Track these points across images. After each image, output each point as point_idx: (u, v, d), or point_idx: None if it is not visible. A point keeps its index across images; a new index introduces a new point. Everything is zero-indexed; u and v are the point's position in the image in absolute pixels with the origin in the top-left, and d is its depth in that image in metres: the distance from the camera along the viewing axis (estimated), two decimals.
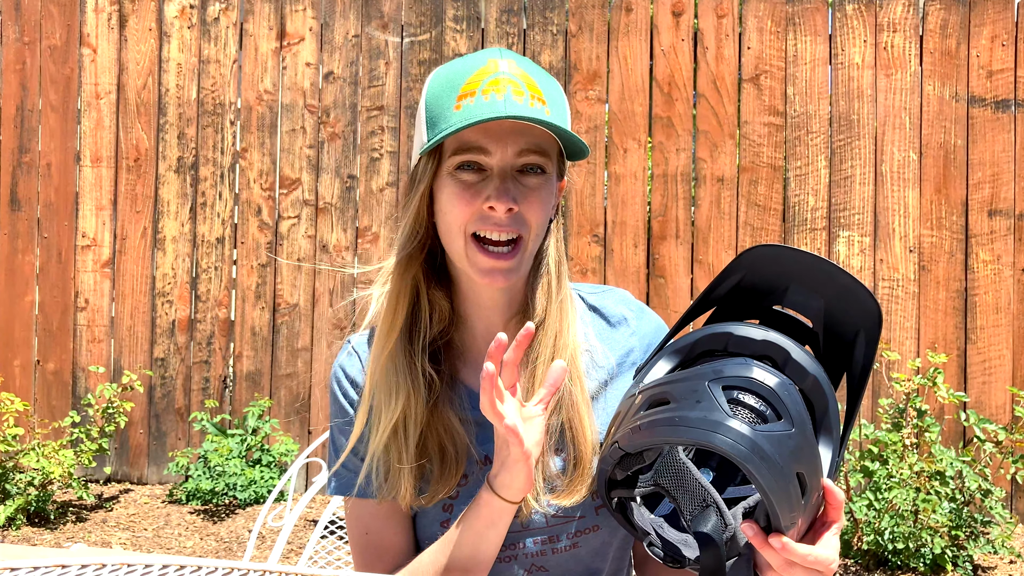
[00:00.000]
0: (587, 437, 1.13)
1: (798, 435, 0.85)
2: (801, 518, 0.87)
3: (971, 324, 3.96)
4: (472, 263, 1.09)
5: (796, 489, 0.85)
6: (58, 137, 4.43)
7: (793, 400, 0.86)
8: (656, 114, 4.18)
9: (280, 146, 4.37)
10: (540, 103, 1.06)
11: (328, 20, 4.35)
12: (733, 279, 0.98)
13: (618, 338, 1.22)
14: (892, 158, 4.05)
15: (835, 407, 0.92)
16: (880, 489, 3.39)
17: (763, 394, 0.86)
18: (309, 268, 4.32)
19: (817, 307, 0.96)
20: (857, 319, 0.93)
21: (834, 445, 0.91)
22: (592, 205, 4.18)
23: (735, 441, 0.83)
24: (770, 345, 0.92)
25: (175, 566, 0.92)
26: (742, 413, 0.86)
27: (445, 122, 1.05)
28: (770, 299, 0.98)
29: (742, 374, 0.87)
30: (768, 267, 0.96)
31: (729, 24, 4.14)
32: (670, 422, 0.87)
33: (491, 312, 1.18)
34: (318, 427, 4.28)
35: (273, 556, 2.02)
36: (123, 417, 4.06)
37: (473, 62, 1.09)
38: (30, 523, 3.84)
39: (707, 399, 0.86)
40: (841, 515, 0.91)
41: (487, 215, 1.07)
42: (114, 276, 4.40)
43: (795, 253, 0.94)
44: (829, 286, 0.94)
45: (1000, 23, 4.01)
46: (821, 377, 0.92)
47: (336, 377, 1.22)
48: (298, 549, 3.58)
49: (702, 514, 0.94)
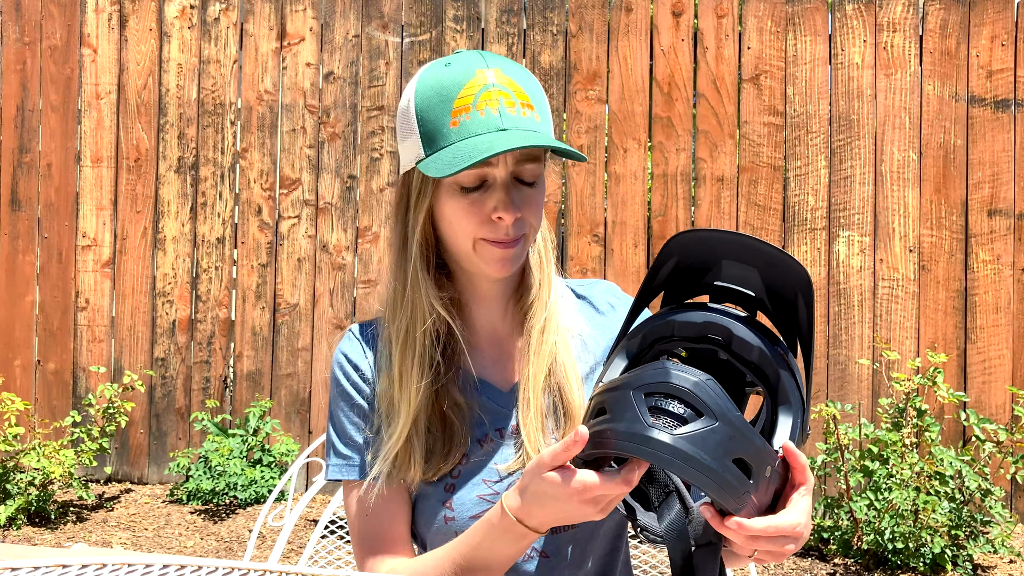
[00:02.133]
0: (575, 402, 1.19)
1: (723, 426, 0.88)
2: (754, 495, 0.90)
3: (971, 324, 3.97)
4: (481, 257, 1.15)
5: (736, 474, 0.88)
6: (58, 137, 4.43)
7: (712, 394, 0.89)
8: (656, 114, 4.18)
9: (280, 146, 4.37)
10: (529, 109, 1.11)
11: (328, 20, 4.36)
12: (669, 264, 1.02)
13: (607, 324, 1.28)
14: (892, 158, 4.05)
15: (788, 374, 0.95)
16: (880, 489, 3.39)
17: (682, 396, 0.90)
18: (309, 268, 4.33)
19: (753, 278, 0.99)
20: (791, 283, 0.96)
21: (794, 411, 0.94)
22: (592, 205, 4.19)
23: (654, 450, 0.87)
24: (711, 326, 0.96)
25: (175, 566, 0.92)
26: (663, 420, 0.89)
27: (444, 139, 1.10)
28: (709, 276, 1.02)
29: (660, 380, 0.91)
30: (697, 249, 1.00)
31: (729, 24, 4.14)
32: (602, 435, 0.92)
33: (490, 299, 1.24)
34: (318, 427, 4.29)
35: (273, 556, 2.02)
36: (124, 417, 4.07)
37: (460, 73, 1.11)
38: (31, 523, 3.84)
39: (631, 410, 0.90)
40: (807, 475, 0.94)
41: (494, 224, 1.13)
42: (114, 276, 4.41)
43: (718, 233, 0.98)
44: (758, 257, 0.97)
45: (1000, 23, 4.01)
46: (767, 347, 0.95)
47: (338, 362, 1.25)
48: (298, 549, 3.58)
49: (666, 501, 0.98)
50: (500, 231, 1.12)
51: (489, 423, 1.21)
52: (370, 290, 4.27)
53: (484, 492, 1.19)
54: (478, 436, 1.21)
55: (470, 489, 1.19)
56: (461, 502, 1.18)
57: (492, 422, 1.21)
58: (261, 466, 4.11)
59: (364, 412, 1.22)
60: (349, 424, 1.23)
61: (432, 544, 1.20)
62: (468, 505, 1.18)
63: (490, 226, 1.12)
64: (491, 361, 1.24)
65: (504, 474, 1.19)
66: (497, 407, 1.22)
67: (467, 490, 1.19)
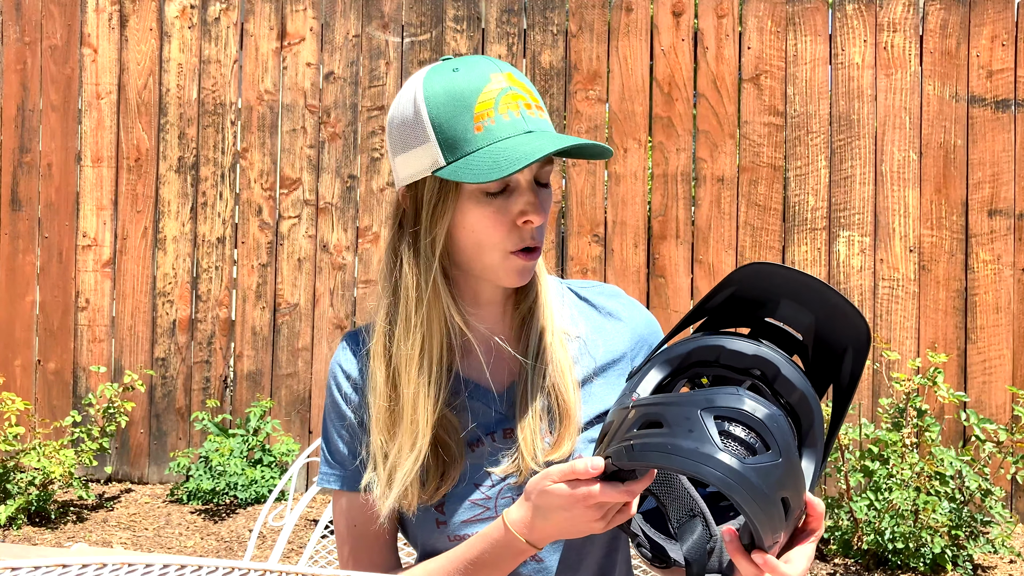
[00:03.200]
0: (571, 405, 1.17)
1: (784, 464, 0.89)
2: (783, 533, 0.92)
3: (971, 324, 3.97)
4: (506, 269, 1.13)
5: (780, 512, 0.90)
6: (59, 137, 4.43)
7: (781, 431, 0.90)
8: (656, 114, 4.18)
9: (281, 146, 4.37)
10: (540, 111, 1.11)
11: (328, 20, 4.36)
12: (726, 292, 1.01)
13: (609, 328, 1.26)
14: (892, 158, 4.05)
15: (820, 421, 0.96)
16: (880, 489, 3.39)
17: (753, 425, 0.90)
18: (309, 268, 4.33)
19: (807, 322, 0.99)
20: (846, 337, 0.97)
21: (817, 458, 0.96)
22: (592, 205, 4.19)
23: (724, 475, 0.87)
24: (761, 360, 0.96)
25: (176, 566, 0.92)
26: (731, 445, 0.90)
27: (469, 145, 1.07)
28: (762, 311, 1.01)
29: (734, 405, 0.91)
30: (761, 283, 0.99)
31: (729, 24, 4.14)
32: (663, 448, 0.91)
33: (492, 303, 1.22)
34: (318, 427, 4.29)
35: (274, 556, 2.02)
36: (124, 417, 4.07)
37: (475, 78, 1.09)
38: (31, 523, 3.84)
39: (699, 429, 0.90)
40: (821, 524, 0.96)
41: (520, 229, 1.11)
42: (115, 276, 4.41)
43: (788, 271, 0.97)
44: (819, 304, 0.97)
45: (1000, 23, 4.01)
46: (808, 392, 0.95)
47: (333, 373, 1.24)
48: (298, 549, 3.59)
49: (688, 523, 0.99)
50: (526, 235, 1.11)
51: (480, 427, 1.19)
52: (370, 290, 4.27)
53: (476, 496, 1.17)
54: (469, 440, 1.19)
55: (461, 494, 1.17)
56: (452, 507, 1.17)
57: (484, 426, 1.19)
58: (261, 466, 4.11)
59: (354, 427, 1.21)
60: (337, 436, 1.22)
61: (424, 546, 1.20)
62: (459, 510, 1.17)
63: (516, 232, 1.11)
64: (485, 364, 1.22)
65: (498, 479, 1.17)
66: (489, 410, 1.20)
67: (458, 495, 1.17)
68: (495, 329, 1.22)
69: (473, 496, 1.17)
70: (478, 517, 1.16)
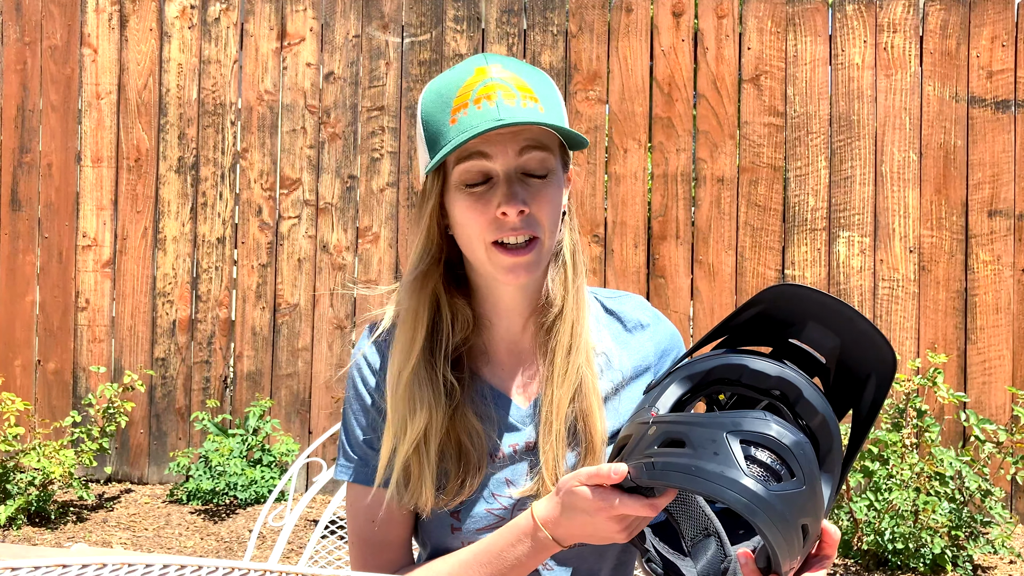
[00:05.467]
0: (597, 428, 1.15)
1: (808, 492, 0.89)
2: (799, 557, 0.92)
3: (971, 324, 3.97)
4: (494, 264, 1.12)
5: (799, 538, 0.89)
6: (59, 137, 4.43)
7: (807, 458, 0.90)
8: (656, 114, 4.18)
9: (281, 146, 4.37)
10: (532, 101, 1.08)
11: (328, 20, 4.36)
12: (753, 310, 1.00)
13: (634, 343, 1.24)
14: (892, 158, 4.05)
15: (839, 445, 0.95)
16: (880, 489, 3.39)
17: (779, 452, 0.89)
18: (309, 268, 4.33)
19: (832, 346, 0.98)
20: (871, 364, 0.96)
21: (833, 482, 0.95)
22: (592, 205, 4.19)
23: (749, 501, 0.87)
24: (783, 382, 0.95)
25: (175, 566, 0.92)
26: (756, 471, 0.89)
27: (444, 139, 1.08)
28: (787, 332, 1.00)
29: (761, 431, 0.90)
30: (789, 303, 0.98)
31: (729, 24, 4.14)
32: (686, 470, 0.90)
33: (511, 312, 1.20)
34: (318, 427, 4.29)
35: (273, 556, 2.02)
36: (124, 417, 4.06)
37: (461, 73, 1.11)
38: (31, 523, 3.84)
39: (724, 452, 0.89)
40: (835, 551, 0.96)
41: (501, 221, 1.09)
42: (115, 276, 4.41)
43: (819, 295, 0.96)
44: (847, 329, 0.96)
45: (1000, 23, 4.01)
46: (830, 417, 0.94)
47: (358, 366, 1.23)
48: (298, 549, 3.58)
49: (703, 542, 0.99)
50: (505, 227, 1.09)
51: (503, 437, 1.18)
52: (370, 290, 4.26)
53: (493, 506, 1.16)
54: (490, 449, 1.18)
55: (478, 502, 1.16)
56: (467, 514, 1.16)
57: (507, 437, 1.18)
58: (261, 466, 4.11)
59: (374, 420, 1.21)
60: (358, 428, 1.22)
61: (436, 546, 1.19)
62: (476, 518, 1.16)
63: (497, 224, 1.09)
64: (510, 375, 1.21)
65: (516, 496, 1.16)
66: (513, 422, 1.19)
67: (475, 503, 1.16)
68: (518, 339, 1.22)
69: (490, 505, 1.17)
70: (494, 527, 1.15)
